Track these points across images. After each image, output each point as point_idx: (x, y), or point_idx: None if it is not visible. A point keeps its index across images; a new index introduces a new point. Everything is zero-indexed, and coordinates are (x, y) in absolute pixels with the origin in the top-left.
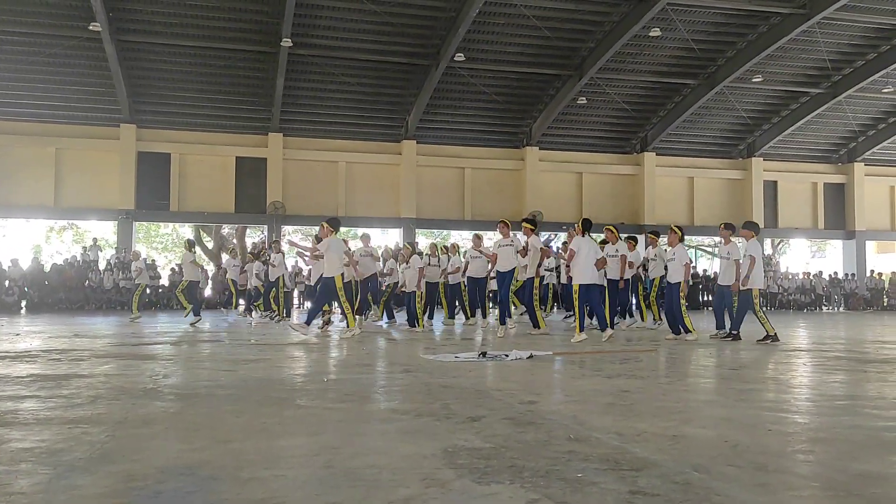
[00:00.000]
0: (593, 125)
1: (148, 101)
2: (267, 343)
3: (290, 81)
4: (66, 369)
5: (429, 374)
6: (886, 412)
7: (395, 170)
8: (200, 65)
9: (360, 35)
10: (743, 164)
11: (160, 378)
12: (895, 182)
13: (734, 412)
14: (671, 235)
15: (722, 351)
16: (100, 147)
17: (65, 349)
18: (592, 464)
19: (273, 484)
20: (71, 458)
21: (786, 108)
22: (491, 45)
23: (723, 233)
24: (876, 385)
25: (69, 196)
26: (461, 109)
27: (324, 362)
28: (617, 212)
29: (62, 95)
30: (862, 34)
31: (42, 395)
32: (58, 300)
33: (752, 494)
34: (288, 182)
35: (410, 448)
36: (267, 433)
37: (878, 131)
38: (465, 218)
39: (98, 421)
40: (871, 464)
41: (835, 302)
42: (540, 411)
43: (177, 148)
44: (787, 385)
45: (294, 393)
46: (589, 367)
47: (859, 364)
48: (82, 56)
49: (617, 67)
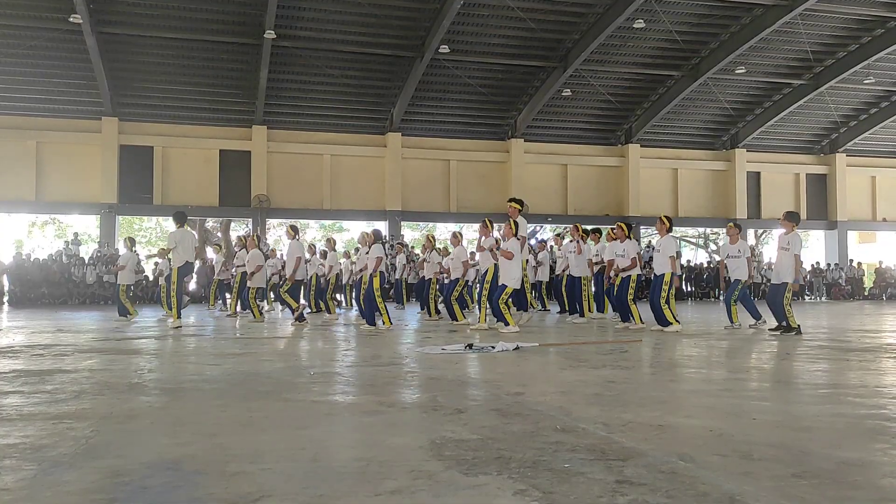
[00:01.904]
0: (578, 117)
1: (130, 93)
2: (252, 337)
3: (274, 74)
4: (49, 364)
5: (415, 366)
6: (869, 400)
7: (380, 162)
8: (183, 57)
9: (344, 27)
10: (726, 156)
11: (145, 373)
12: (876, 173)
13: (719, 401)
14: (659, 226)
15: (707, 341)
16: (81, 140)
17: (48, 344)
18: (579, 454)
19: (260, 478)
20: (56, 453)
21: (768, 99)
22: (475, 37)
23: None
24: (858, 373)
25: (51, 190)
26: (446, 101)
27: (310, 356)
28: (602, 203)
29: (43, 88)
30: (843, 25)
31: (25, 390)
32: (40, 295)
33: (737, 482)
34: (272, 175)
35: (397, 440)
36: (253, 427)
37: (859, 122)
38: (450, 210)
39: (83, 416)
40: (853, 451)
41: (817, 292)
42: (526, 402)
43: (160, 141)
44: (771, 374)
45: (280, 386)
46: (575, 359)
47: (841, 353)
48: (63, 48)
49: (601, 59)
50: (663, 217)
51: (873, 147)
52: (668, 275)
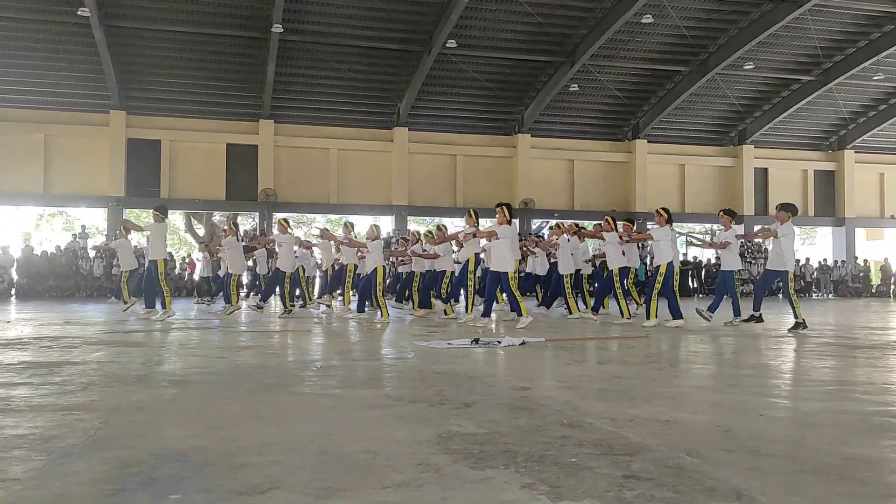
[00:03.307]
0: (585, 112)
1: (138, 87)
2: (259, 330)
3: (281, 68)
4: (57, 356)
5: (422, 360)
6: (876, 397)
7: (386, 157)
8: (191, 51)
9: (351, 21)
10: (734, 152)
11: (153, 365)
12: (885, 169)
13: (726, 397)
14: (658, 218)
15: (713, 337)
16: (89, 134)
17: (56, 336)
18: (586, 448)
19: (267, 470)
20: (65, 444)
21: (777, 95)
22: (483, 32)
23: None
24: (865, 370)
25: (59, 183)
26: (453, 96)
27: (316, 349)
28: (608, 199)
29: (51, 82)
30: (853, 21)
31: (34, 382)
32: (48, 287)
33: (744, 478)
34: (279, 169)
35: (404, 434)
36: (260, 419)
37: (868, 119)
38: (456, 205)
39: (91, 408)
40: (860, 448)
41: (824, 289)
42: (533, 397)
43: (167, 135)
44: (778, 371)
45: (287, 379)
46: (581, 354)
47: (849, 350)
48: (71, 42)
49: (609, 54)
50: (660, 209)
51: (882, 144)
52: (663, 266)
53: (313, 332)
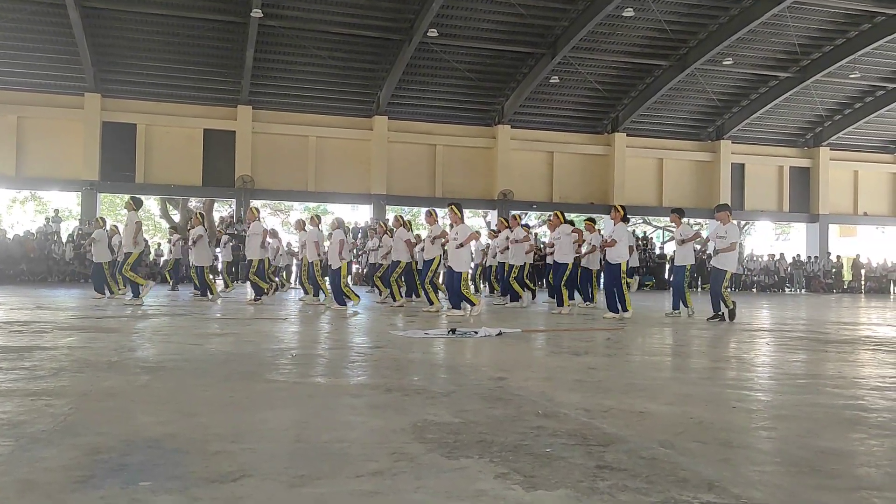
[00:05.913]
0: (565, 105)
1: (113, 69)
2: (234, 318)
3: (260, 53)
4: (28, 341)
5: (398, 349)
6: (846, 391)
7: (366, 145)
8: (168, 34)
9: (332, 7)
10: (712, 147)
11: (125, 351)
12: (859, 167)
13: (699, 390)
14: (613, 214)
15: (687, 330)
16: (63, 116)
17: (27, 321)
18: (560, 439)
19: (241, 457)
20: (34, 430)
21: (755, 91)
22: (464, 22)
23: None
24: (836, 364)
25: (31, 166)
26: (433, 86)
27: (292, 337)
28: (587, 192)
29: (25, 63)
30: (831, 20)
31: (3, 366)
32: (19, 272)
33: (716, 469)
34: (257, 156)
35: (380, 422)
36: (235, 407)
37: (843, 116)
38: (436, 195)
39: (61, 393)
40: (831, 440)
41: (797, 284)
42: (509, 387)
43: (143, 119)
44: (751, 364)
45: (262, 367)
46: (557, 345)
47: (820, 344)
48: (46, 23)
49: (590, 47)
50: (617, 205)
51: (857, 142)
52: (623, 263)
53: (289, 321)
